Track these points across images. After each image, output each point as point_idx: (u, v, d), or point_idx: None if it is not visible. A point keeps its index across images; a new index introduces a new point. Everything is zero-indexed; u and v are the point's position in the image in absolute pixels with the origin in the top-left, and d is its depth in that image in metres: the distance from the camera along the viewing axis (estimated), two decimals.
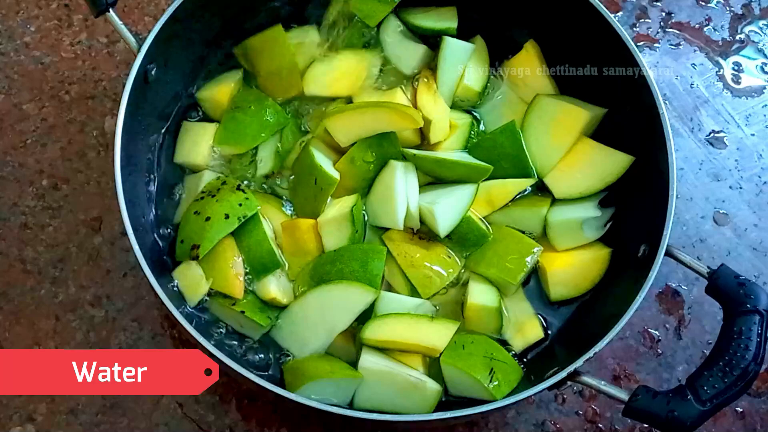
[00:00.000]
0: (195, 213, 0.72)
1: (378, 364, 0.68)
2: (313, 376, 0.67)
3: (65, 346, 0.76)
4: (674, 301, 0.81)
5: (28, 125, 0.84)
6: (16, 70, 0.87)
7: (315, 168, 0.73)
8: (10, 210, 0.81)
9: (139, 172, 0.75)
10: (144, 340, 0.77)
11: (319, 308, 0.70)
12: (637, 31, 0.94)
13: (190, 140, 0.77)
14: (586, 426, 0.76)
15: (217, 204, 0.72)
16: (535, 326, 0.73)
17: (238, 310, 0.70)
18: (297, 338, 0.70)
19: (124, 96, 0.69)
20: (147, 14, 0.90)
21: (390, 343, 0.69)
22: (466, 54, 0.80)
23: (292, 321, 0.71)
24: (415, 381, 0.68)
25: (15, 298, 0.78)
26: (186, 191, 0.77)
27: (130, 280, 0.79)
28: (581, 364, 0.63)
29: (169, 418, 0.74)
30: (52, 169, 0.83)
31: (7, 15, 0.89)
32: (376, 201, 0.74)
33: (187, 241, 0.71)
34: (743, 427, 0.76)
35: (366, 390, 0.68)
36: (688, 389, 0.61)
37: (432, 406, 0.69)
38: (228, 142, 0.76)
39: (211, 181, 0.75)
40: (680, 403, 0.60)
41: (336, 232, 0.72)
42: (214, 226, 0.70)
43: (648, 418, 0.61)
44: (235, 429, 0.74)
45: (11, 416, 0.74)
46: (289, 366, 0.70)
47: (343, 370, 0.68)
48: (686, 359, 0.78)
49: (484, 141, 0.78)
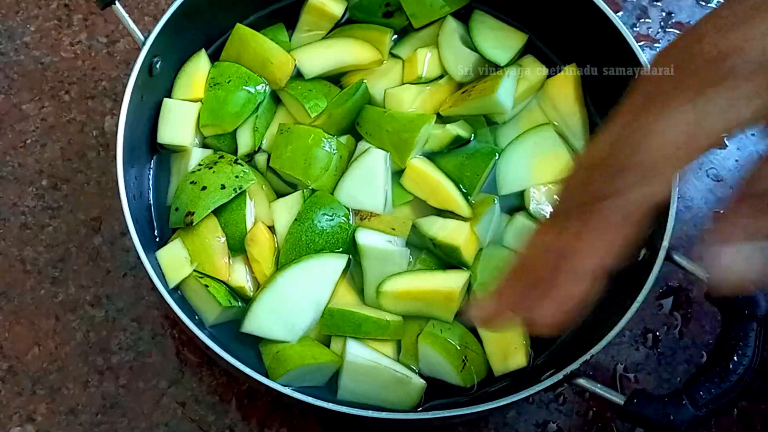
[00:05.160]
0: (191, 183, 0.72)
1: (364, 359, 0.68)
2: (296, 362, 0.67)
3: (65, 346, 0.76)
4: (675, 301, 0.81)
5: (28, 125, 0.84)
6: (16, 70, 0.87)
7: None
8: (10, 210, 0.81)
9: (140, 172, 0.75)
10: (144, 340, 0.77)
11: (299, 285, 0.70)
12: (637, 31, 0.94)
13: (172, 120, 0.76)
14: (586, 426, 0.76)
15: (213, 175, 0.72)
16: (520, 355, 0.71)
17: (203, 282, 0.69)
18: (281, 323, 0.69)
19: (127, 92, 0.69)
20: (147, 14, 0.90)
21: (408, 294, 0.70)
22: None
23: (272, 307, 0.70)
24: (400, 376, 0.68)
25: (15, 298, 0.78)
26: (174, 171, 0.77)
27: (130, 280, 0.79)
28: (578, 367, 0.63)
29: (169, 418, 0.74)
30: (52, 169, 0.83)
31: (6, 15, 0.89)
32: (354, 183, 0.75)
33: (181, 209, 0.71)
34: (743, 427, 0.76)
35: (350, 383, 0.69)
36: (684, 394, 0.61)
37: (415, 400, 0.69)
38: (213, 122, 0.75)
39: (209, 155, 0.75)
40: (676, 408, 0.60)
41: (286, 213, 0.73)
42: (210, 194, 0.71)
43: (643, 422, 0.62)
44: (235, 429, 0.74)
45: (11, 416, 0.74)
46: (271, 352, 0.69)
47: (326, 355, 0.69)
48: (686, 359, 0.78)
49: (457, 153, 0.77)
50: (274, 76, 0.77)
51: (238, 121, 0.76)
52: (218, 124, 0.76)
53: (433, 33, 0.81)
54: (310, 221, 0.72)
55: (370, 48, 0.80)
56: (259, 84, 0.77)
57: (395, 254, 0.72)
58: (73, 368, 0.76)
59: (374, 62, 0.80)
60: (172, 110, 0.76)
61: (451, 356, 0.70)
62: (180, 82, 0.78)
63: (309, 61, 0.78)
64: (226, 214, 0.72)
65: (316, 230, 0.72)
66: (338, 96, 0.77)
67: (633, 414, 0.62)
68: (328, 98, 0.77)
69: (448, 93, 0.80)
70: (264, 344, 0.70)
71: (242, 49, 0.78)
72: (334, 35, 0.81)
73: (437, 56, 0.80)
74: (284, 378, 0.67)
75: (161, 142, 0.76)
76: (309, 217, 0.72)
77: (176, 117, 0.76)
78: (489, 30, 0.82)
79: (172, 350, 0.77)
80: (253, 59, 0.77)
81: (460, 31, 0.81)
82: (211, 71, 0.77)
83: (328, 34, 0.82)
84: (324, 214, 0.72)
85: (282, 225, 0.73)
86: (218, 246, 0.71)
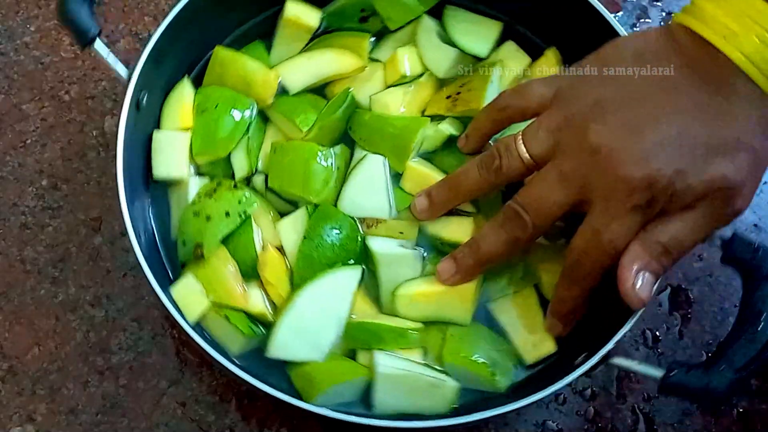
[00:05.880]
0: (194, 214, 0.71)
1: (395, 368, 0.68)
2: (328, 381, 0.66)
3: (65, 346, 0.76)
4: (675, 301, 0.81)
5: (28, 125, 0.84)
6: (16, 70, 0.87)
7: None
8: (10, 210, 0.81)
9: (141, 207, 0.74)
10: (144, 340, 0.77)
11: (318, 302, 0.69)
12: (637, 30, 0.94)
13: (165, 153, 0.74)
14: (586, 426, 0.76)
15: (215, 203, 0.71)
16: (549, 339, 0.71)
17: (222, 314, 0.68)
18: (306, 343, 0.69)
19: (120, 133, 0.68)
20: (147, 14, 0.90)
21: (423, 296, 0.70)
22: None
23: (294, 328, 0.69)
24: (433, 380, 0.68)
25: (15, 298, 0.78)
26: (173, 203, 0.75)
27: (130, 280, 0.79)
28: (613, 346, 0.64)
29: (169, 418, 0.74)
30: (52, 169, 0.83)
31: (6, 15, 0.89)
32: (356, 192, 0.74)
33: (189, 242, 0.70)
34: (743, 427, 0.76)
35: (385, 395, 0.68)
36: (721, 359, 0.61)
37: (452, 402, 0.69)
38: (206, 149, 0.74)
39: (206, 183, 0.74)
40: (715, 374, 0.60)
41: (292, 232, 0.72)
42: (216, 224, 0.70)
43: (684, 392, 0.61)
44: (235, 429, 0.74)
45: (11, 416, 0.74)
46: (300, 372, 0.68)
47: (357, 370, 0.68)
48: (686, 359, 0.78)
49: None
50: (260, 95, 0.76)
51: (231, 145, 0.75)
52: (212, 151, 0.74)
53: (410, 32, 0.81)
54: (318, 237, 0.71)
55: (351, 55, 0.79)
56: (246, 104, 0.76)
57: (410, 257, 0.72)
58: (73, 368, 0.76)
59: (357, 69, 0.79)
60: (164, 143, 0.74)
61: (478, 367, 0.68)
62: (167, 113, 0.76)
63: (292, 76, 0.78)
64: (233, 240, 0.71)
65: (326, 245, 0.71)
66: (327, 107, 0.76)
67: (675, 385, 0.61)
68: (317, 110, 0.76)
69: (432, 89, 0.79)
70: (292, 367, 0.69)
71: (224, 72, 0.77)
72: (314, 47, 0.81)
73: (416, 54, 0.80)
74: (319, 399, 0.66)
75: (157, 177, 0.74)
76: (317, 233, 0.71)
77: (168, 149, 0.74)
78: (464, 24, 0.81)
79: (172, 350, 0.77)
80: (236, 81, 0.76)
81: (436, 28, 0.81)
82: (197, 97, 0.76)
83: (307, 46, 0.81)
84: (332, 227, 0.71)
85: (291, 244, 0.72)
86: (231, 274, 0.70)
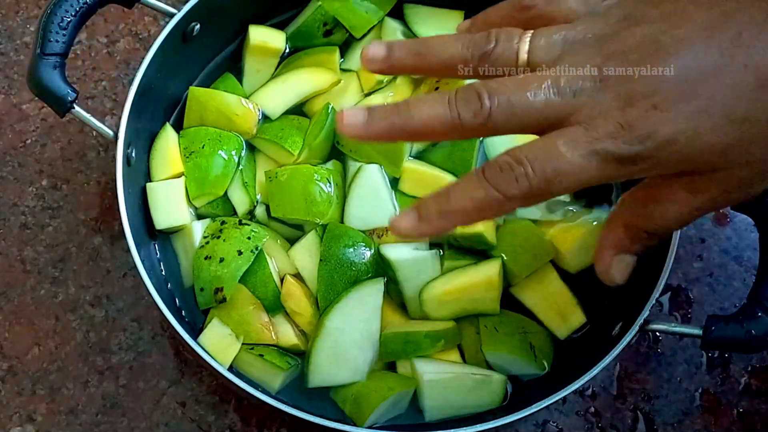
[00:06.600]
0: (206, 258, 0.70)
1: (439, 373, 0.68)
2: (376, 399, 0.66)
3: (65, 346, 0.76)
4: (675, 301, 0.81)
5: (28, 125, 0.84)
6: (16, 70, 0.87)
7: None
8: (10, 210, 0.81)
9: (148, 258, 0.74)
10: (144, 340, 0.77)
11: (348, 322, 0.69)
12: None
13: (162, 203, 0.74)
14: (586, 426, 0.76)
15: (225, 243, 0.70)
16: (577, 311, 0.72)
17: (257, 353, 0.68)
18: (345, 366, 0.69)
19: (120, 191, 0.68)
20: (146, 14, 0.90)
21: (450, 293, 0.70)
22: None
23: (330, 353, 0.68)
24: (480, 378, 0.68)
25: (15, 298, 0.78)
26: (180, 250, 0.75)
27: (130, 280, 0.79)
28: (648, 313, 0.64)
29: (169, 418, 0.74)
30: (52, 169, 0.83)
31: (7, 15, 0.89)
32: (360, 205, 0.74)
33: (207, 288, 0.70)
34: (743, 427, 0.76)
35: (434, 401, 0.68)
36: (756, 307, 0.61)
37: (501, 395, 0.69)
38: (203, 191, 0.74)
39: (210, 225, 0.73)
40: (753, 322, 0.60)
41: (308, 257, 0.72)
42: (231, 264, 0.69)
43: (728, 345, 0.61)
44: (235, 429, 0.74)
45: (11, 416, 0.74)
46: (345, 395, 0.68)
47: (402, 382, 0.68)
48: (686, 359, 0.78)
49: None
50: (243, 127, 0.76)
51: (226, 182, 0.74)
52: (208, 192, 0.74)
53: (375, 37, 0.81)
54: (335, 258, 0.70)
55: (324, 71, 0.79)
56: (233, 139, 0.75)
57: (427, 258, 0.72)
58: (73, 368, 0.76)
59: (332, 83, 0.79)
60: (159, 193, 0.74)
61: (519, 351, 0.69)
62: (155, 163, 0.75)
63: (271, 102, 0.77)
64: (251, 277, 0.70)
65: (345, 264, 0.70)
66: (311, 127, 0.76)
67: (717, 340, 0.61)
68: (301, 131, 0.76)
69: (410, 89, 0.79)
70: (335, 392, 0.69)
71: (203, 110, 0.76)
72: (285, 69, 0.80)
73: None
74: (371, 418, 0.66)
75: (159, 228, 0.73)
76: (332, 254, 0.70)
77: (165, 198, 0.74)
78: (426, 18, 0.81)
79: (172, 350, 0.77)
80: (216, 117, 0.76)
81: (401, 27, 0.81)
82: (182, 141, 0.75)
83: (278, 69, 0.80)
84: (345, 246, 0.71)
85: (308, 270, 0.72)
86: (256, 312, 0.70)
